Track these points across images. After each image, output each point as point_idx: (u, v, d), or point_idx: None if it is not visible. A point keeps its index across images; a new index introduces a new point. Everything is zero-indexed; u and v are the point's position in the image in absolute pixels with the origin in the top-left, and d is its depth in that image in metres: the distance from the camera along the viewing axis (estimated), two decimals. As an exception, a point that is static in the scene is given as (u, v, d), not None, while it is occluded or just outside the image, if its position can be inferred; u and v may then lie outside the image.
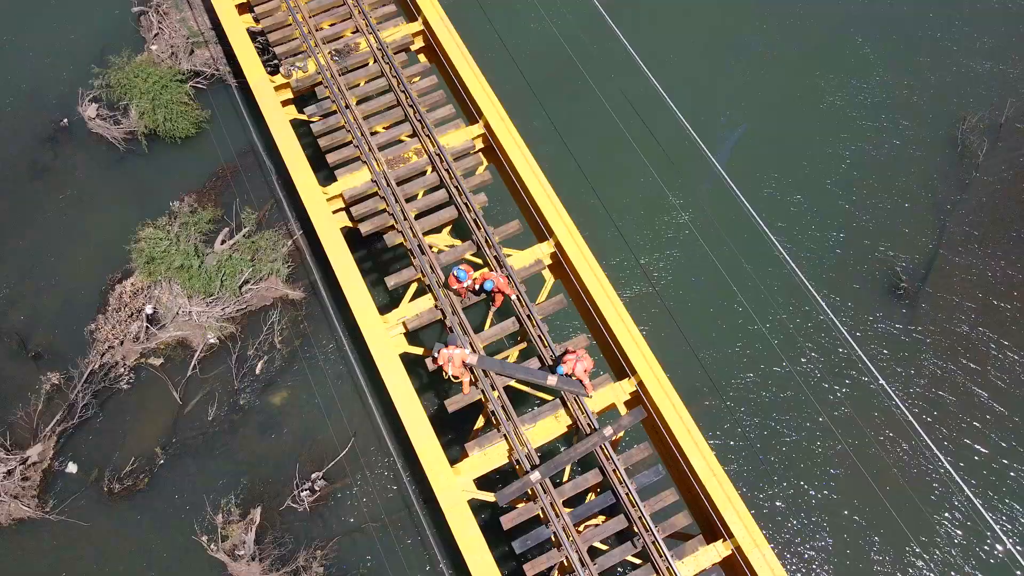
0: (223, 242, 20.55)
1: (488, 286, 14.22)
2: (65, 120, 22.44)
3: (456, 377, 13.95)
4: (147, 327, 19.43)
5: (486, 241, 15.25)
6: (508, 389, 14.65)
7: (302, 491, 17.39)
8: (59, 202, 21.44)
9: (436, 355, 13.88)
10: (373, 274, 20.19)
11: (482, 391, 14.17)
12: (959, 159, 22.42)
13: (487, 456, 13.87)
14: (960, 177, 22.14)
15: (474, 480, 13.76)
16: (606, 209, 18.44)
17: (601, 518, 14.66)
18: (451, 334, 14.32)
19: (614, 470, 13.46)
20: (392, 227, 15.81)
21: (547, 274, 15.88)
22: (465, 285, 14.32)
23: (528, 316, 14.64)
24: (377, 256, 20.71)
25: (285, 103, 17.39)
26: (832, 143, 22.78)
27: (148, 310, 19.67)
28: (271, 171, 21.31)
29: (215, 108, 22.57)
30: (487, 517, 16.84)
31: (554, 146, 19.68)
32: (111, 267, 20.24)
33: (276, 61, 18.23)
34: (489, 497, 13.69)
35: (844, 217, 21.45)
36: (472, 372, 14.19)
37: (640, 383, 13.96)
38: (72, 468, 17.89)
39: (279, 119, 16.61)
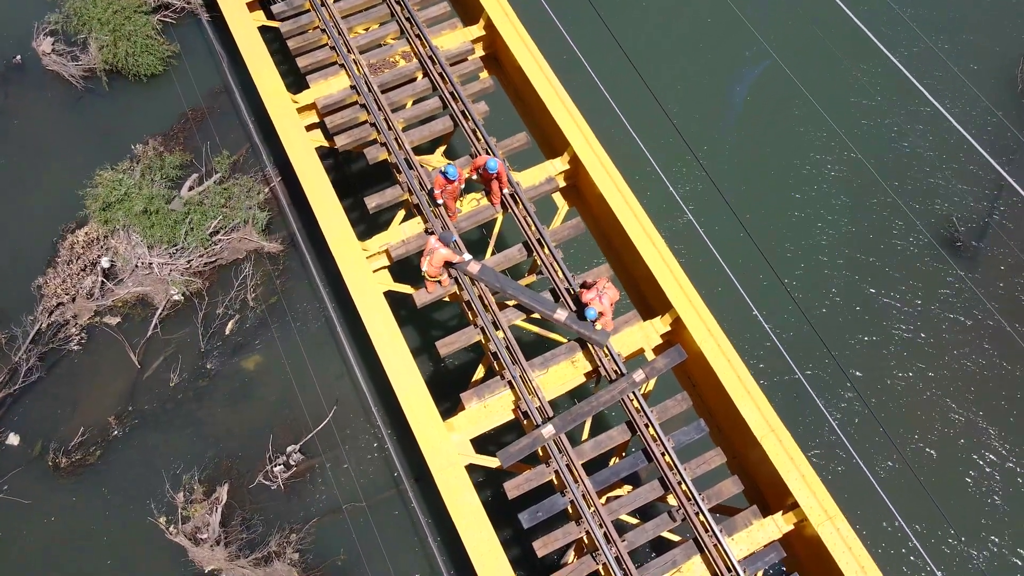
0: (191, 188, 18.26)
1: (492, 165, 11.75)
2: (18, 57, 20.37)
3: (430, 276, 11.72)
4: (102, 282, 17.29)
5: (487, 153, 12.69)
6: (515, 330, 12.10)
7: (275, 466, 15.43)
8: (10, 146, 19.41)
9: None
10: (361, 225, 17.87)
11: (482, 329, 11.60)
12: (1018, 102, 20.35)
13: (488, 409, 11.25)
14: (1020, 122, 20.06)
15: (472, 441, 11.21)
16: (658, 101, 15.08)
17: (628, 487, 12.01)
18: (448, 234, 11.90)
19: (646, 425, 10.84)
20: (374, 141, 13.29)
21: (559, 200, 13.33)
22: (456, 184, 11.88)
23: (539, 241, 12.04)
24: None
25: (251, 6, 14.95)
26: (878, 84, 20.55)
27: (104, 263, 17.43)
28: (247, 112, 19.16)
29: (185, 44, 20.47)
30: (490, 496, 14.63)
31: (582, 74, 17.21)
32: (66, 216, 18.20)
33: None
34: (491, 462, 11.13)
35: (893, 165, 19.35)
36: (459, 284, 11.96)
37: (677, 319, 11.32)
38: (13, 439, 16.02)
39: (242, 19, 14.15)
